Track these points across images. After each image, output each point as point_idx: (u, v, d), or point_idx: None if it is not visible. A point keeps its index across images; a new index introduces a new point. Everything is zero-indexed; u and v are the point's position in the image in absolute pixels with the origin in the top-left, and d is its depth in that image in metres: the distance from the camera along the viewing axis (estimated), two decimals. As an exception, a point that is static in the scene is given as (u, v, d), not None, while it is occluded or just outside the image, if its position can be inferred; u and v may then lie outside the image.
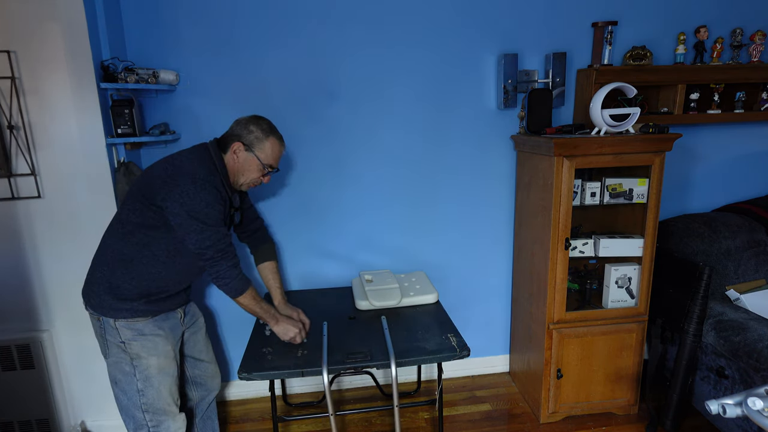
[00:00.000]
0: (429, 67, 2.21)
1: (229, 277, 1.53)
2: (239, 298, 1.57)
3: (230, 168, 1.59)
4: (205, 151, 1.56)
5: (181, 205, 1.42)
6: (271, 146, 1.59)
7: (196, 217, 1.43)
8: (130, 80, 1.83)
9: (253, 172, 1.59)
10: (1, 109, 1.80)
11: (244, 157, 1.57)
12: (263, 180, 1.65)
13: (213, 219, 1.47)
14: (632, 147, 1.92)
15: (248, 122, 1.59)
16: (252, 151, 1.57)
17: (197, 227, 1.44)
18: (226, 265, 1.52)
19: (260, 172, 1.60)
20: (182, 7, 2.01)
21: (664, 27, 2.30)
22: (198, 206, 1.42)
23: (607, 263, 2.12)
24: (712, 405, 1.08)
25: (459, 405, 2.39)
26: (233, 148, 1.56)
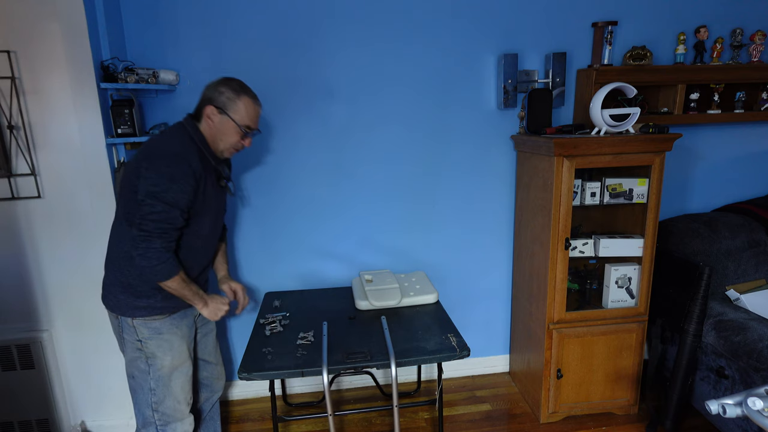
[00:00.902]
0: (429, 67, 2.21)
1: (158, 259, 1.39)
2: (168, 281, 1.45)
3: (208, 135, 1.52)
4: (179, 127, 1.52)
5: (146, 179, 1.36)
6: (245, 106, 1.51)
7: (154, 194, 1.36)
8: (130, 80, 1.83)
9: (231, 135, 1.52)
10: (1, 109, 1.80)
11: (219, 120, 1.49)
12: (244, 143, 1.57)
13: (171, 196, 1.38)
14: (632, 147, 1.92)
15: (218, 84, 1.51)
16: (226, 113, 1.49)
17: (149, 203, 1.36)
18: (160, 244, 1.39)
19: (238, 134, 1.52)
20: (182, 7, 2.01)
21: (664, 27, 2.30)
22: (160, 181, 1.35)
23: (607, 263, 2.12)
24: (712, 405, 1.08)
25: (459, 405, 2.39)
26: (206, 113, 1.49)
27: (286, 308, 2.04)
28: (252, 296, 2.35)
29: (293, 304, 2.08)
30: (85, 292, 1.97)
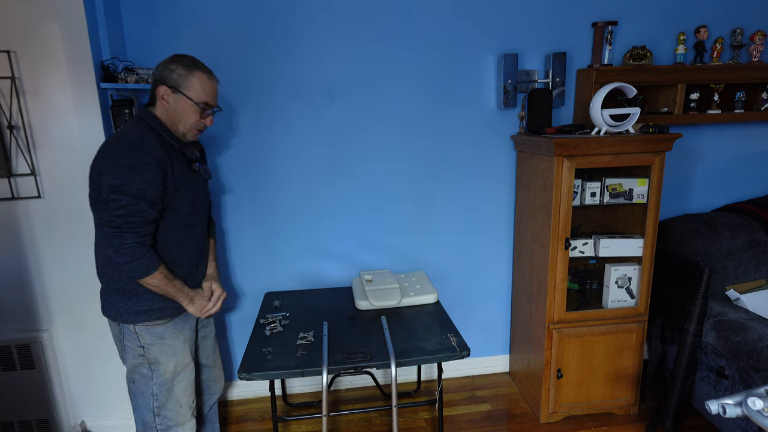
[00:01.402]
0: (429, 67, 2.21)
1: (133, 255, 1.33)
2: (148, 278, 1.39)
3: (166, 118, 1.44)
4: (135, 118, 1.46)
5: (107, 175, 1.31)
6: (199, 81, 1.41)
7: (116, 188, 1.30)
8: (130, 80, 1.83)
9: (189, 114, 1.43)
10: (1, 109, 1.80)
11: (174, 100, 1.41)
12: (206, 123, 1.49)
13: (135, 188, 1.31)
14: (632, 147, 1.92)
15: (168, 62, 1.41)
16: (180, 91, 1.40)
17: (114, 198, 1.31)
18: (132, 239, 1.33)
19: (197, 113, 1.44)
20: (182, 7, 2.01)
21: (664, 27, 2.30)
22: (121, 174, 1.30)
23: (607, 263, 2.12)
24: (712, 405, 1.08)
25: (459, 405, 2.39)
26: (159, 94, 1.40)
27: (286, 308, 2.04)
28: (252, 297, 2.35)
29: (293, 304, 2.08)
30: (85, 292, 1.97)
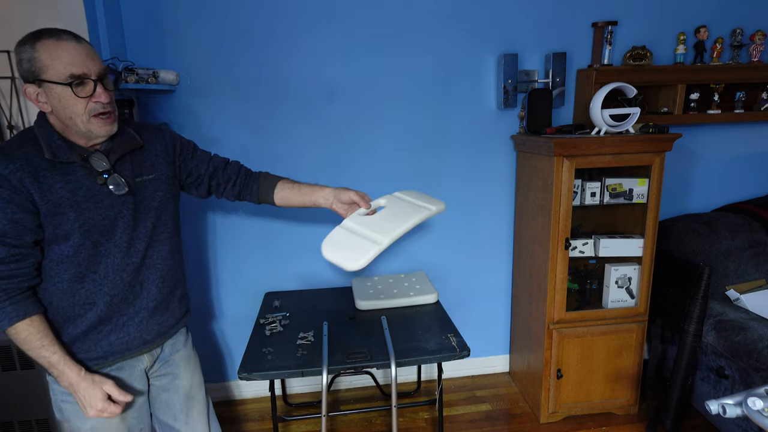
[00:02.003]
0: (428, 67, 2.21)
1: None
2: (9, 330, 1.08)
3: (57, 122, 1.11)
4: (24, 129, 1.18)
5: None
6: (48, 53, 1.03)
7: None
8: (130, 80, 1.83)
9: (69, 101, 1.05)
10: (1, 109, 1.80)
11: (45, 95, 1.06)
12: (100, 100, 1.08)
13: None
14: (632, 147, 1.92)
15: (16, 54, 1.06)
16: (40, 79, 1.04)
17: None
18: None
19: (72, 93, 1.05)
20: (182, 7, 2.01)
21: (664, 27, 2.30)
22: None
23: (607, 263, 2.12)
24: (712, 405, 1.08)
25: (459, 405, 2.39)
26: (32, 98, 1.08)
27: (286, 308, 2.04)
28: (252, 297, 2.35)
29: (293, 304, 2.08)
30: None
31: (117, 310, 1.20)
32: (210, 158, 1.42)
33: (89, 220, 1.11)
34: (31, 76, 1.05)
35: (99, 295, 1.16)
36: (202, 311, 2.35)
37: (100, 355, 1.19)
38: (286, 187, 1.45)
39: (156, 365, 1.33)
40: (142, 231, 1.20)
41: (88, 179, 1.11)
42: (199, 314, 2.34)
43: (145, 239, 1.21)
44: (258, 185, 1.46)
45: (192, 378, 1.42)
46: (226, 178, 1.43)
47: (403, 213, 1.38)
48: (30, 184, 1.04)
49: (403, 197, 1.47)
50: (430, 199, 1.47)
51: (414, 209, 1.40)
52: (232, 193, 1.46)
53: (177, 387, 1.38)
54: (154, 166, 1.25)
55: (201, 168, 1.39)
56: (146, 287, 1.24)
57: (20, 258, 1.06)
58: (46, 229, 1.08)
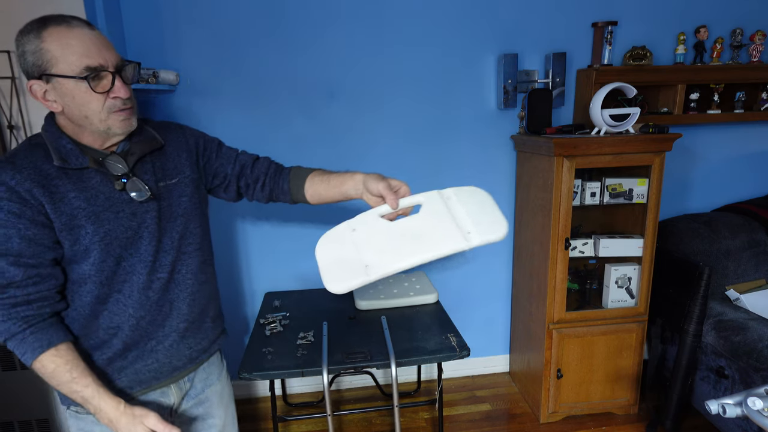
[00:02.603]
0: (428, 67, 2.21)
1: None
2: (34, 364, 0.93)
3: (68, 123, 0.96)
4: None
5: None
6: (57, 45, 0.88)
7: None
8: (130, 80, 1.83)
9: (84, 98, 0.91)
10: (1, 109, 1.80)
11: (54, 91, 0.91)
12: (120, 96, 0.95)
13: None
14: (632, 147, 1.92)
15: (18, 46, 0.92)
16: (49, 74, 0.89)
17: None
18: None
19: (88, 89, 0.90)
20: (182, 6, 2.01)
21: (664, 27, 2.30)
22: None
23: (607, 263, 2.12)
24: (712, 405, 1.08)
25: (459, 405, 2.39)
26: (38, 96, 0.93)
27: (286, 308, 2.04)
28: (252, 297, 2.35)
29: (293, 304, 2.08)
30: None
31: (145, 333, 1.05)
32: (236, 156, 1.24)
33: (110, 233, 0.97)
34: (37, 71, 0.90)
35: (124, 318, 1.02)
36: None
37: (124, 385, 1.05)
38: (316, 181, 1.22)
39: (185, 403, 1.16)
40: (168, 242, 1.05)
41: (105, 186, 0.97)
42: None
43: (172, 252, 1.05)
44: (288, 183, 1.25)
45: (225, 416, 1.27)
46: (255, 178, 1.25)
47: (429, 233, 1.00)
48: (41, 195, 0.91)
49: (453, 203, 1.05)
50: (490, 216, 1.02)
51: (447, 232, 0.99)
52: (263, 194, 1.27)
53: (208, 427, 1.22)
54: (177, 168, 1.09)
55: (227, 168, 1.21)
56: (176, 306, 1.08)
57: (39, 280, 0.93)
58: (64, 245, 0.94)
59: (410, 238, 1.00)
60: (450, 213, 1.02)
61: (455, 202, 1.04)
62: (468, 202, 1.04)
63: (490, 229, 0.99)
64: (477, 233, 0.98)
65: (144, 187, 1.00)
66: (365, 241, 1.02)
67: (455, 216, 1.02)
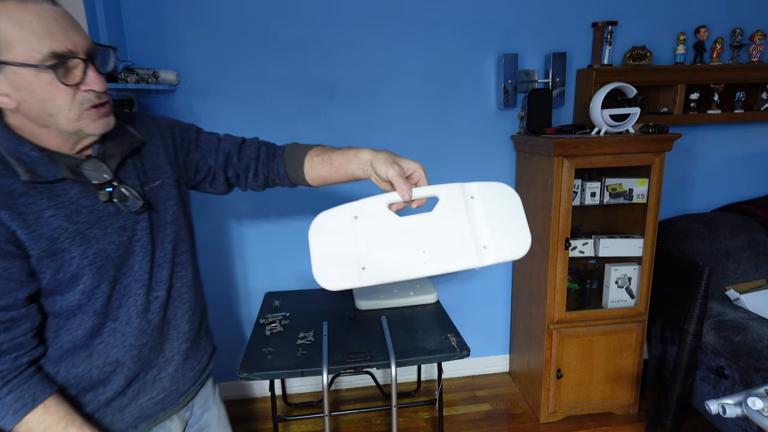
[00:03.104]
0: (428, 68, 2.21)
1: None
2: (17, 427, 0.77)
3: (23, 124, 0.77)
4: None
5: None
6: (12, 24, 0.69)
7: None
8: (130, 80, 1.83)
9: (49, 92, 0.73)
10: (1, 109, 1.80)
11: (7, 82, 0.72)
12: (90, 91, 0.76)
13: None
14: (632, 147, 1.92)
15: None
16: (4, 63, 0.70)
17: None
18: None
19: (54, 79, 0.72)
20: (182, 7, 2.01)
21: (664, 27, 2.30)
22: None
23: (607, 263, 2.12)
24: (712, 405, 1.08)
25: (459, 405, 2.39)
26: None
27: (286, 308, 2.04)
28: (252, 297, 2.35)
29: (293, 304, 2.08)
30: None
31: (147, 362, 0.92)
32: (218, 143, 1.07)
33: (101, 254, 0.82)
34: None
35: (124, 349, 0.87)
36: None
37: (127, 425, 0.92)
38: (317, 162, 1.03)
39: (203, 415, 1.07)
40: (161, 255, 0.92)
41: (86, 198, 0.80)
42: (199, 314, 2.34)
43: (166, 265, 0.93)
44: (284, 166, 1.06)
45: None
46: (245, 166, 1.07)
47: (439, 240, 0.85)
48: (8, 219, 0.73)
49: (474, 204, 0.87)
50: (513, 226, 0.87)
51: (461, 243, 0.85)
52: (257, 183, 1.10)
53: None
54: (158, 168, 0.94)
55: (209, 159, 1.05)
56: (175, 326, 0.96)
57: (11, 325, 0.75)
58: (43, 276, 0.77)
59: (417, 244, 0.85)
60: (468, 217, 0.86)
61: (477, 202, 0.87)
62: (491, 205, 0.87)
63: (510, 246, 0.84)
64: (494, 250, 0.84)
65: (134, 194, 0.85)
66: (366, 235, 0.87)
67: (473, 222, 0.86)
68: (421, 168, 0.92)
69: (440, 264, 0.84)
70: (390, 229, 0.87)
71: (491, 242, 0.84)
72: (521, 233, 0.86)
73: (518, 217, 0.87)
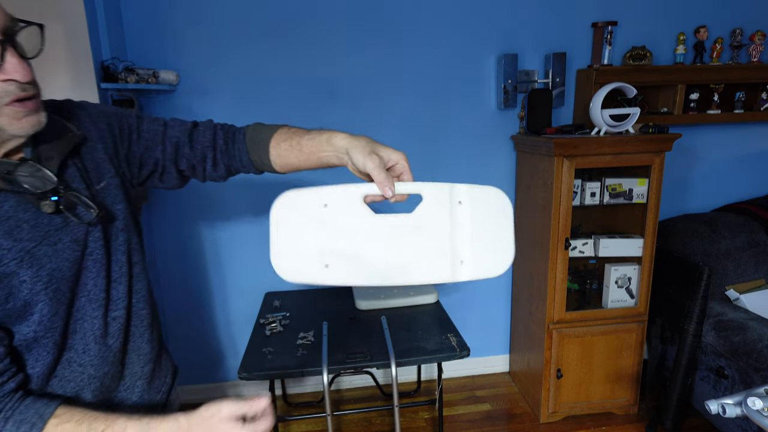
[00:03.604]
0: (428, 68, 2.21)
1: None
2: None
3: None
4: None
5: None
6: None
7: None
8: (130, 80, 1.83)
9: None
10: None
11: None
12: (11, 81, 0.61)
13: None
14: (632, 147, 1.92)
15: None
16: None
17: None
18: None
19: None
20: (182, 7, 2.01)
21: (664, 27, 2.30)
22: None
23: (607, 263, 2.12)
24: (712, 405, 1.08)
25: (459, 405, 2.39)
26: None
27: (286, 308, 2.04)
28: (252, 297, 2.34)
29: (293, 304, 2.08)
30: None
31: (108, 392, 0.81)
32: (164, 131, 0.88)
33: (55, 274, 0.69)
34: None
35: (83, 381, 0.76)
36: (202, 311, 2.35)
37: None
38: (284, 147, 0.92)
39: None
40: (116, 269, 0.79)
41: (25, 211, 0.67)
42: (199, 314, 2.34)
43: (123, 280, 0.80)
44: (248, 153, 0.92)
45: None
46: (200, 156, 0.90)
47: (415, 247, 0.76)
48: None
49: (461, 210, 0.77)
50: (497, 239, 0.78)
51: (437, 254, 0.76)
52: (217, 173, 0.94)
53: None
54: (100, 167, 0.79)
55: (155, 151, 0.87)
56: (135, 347, 0.85)
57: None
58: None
59: (388, 248, 0.76)
60: (451, 224, 0.76)
61: (465, 207, 0.77)
62: (480, 213, 0.78)
63: (489, 263, 0.77)
64: (471, 266, 0.76)
65: (87, 203, 0.71)
66: (333, 229, 0.77)
67: (456, 231, 0.76)
68: (405, 159, 0.78)
69: (409, 275, 0.76)
70: (361, 226, 0.76)
71: (470, 257, 0.76)
72: (505, 249, 0.78)
73: (506, 230, 0.79)
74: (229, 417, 0.70)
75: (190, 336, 2.36)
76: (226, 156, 0.92)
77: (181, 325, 2.34)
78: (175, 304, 2.31)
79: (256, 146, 0.91)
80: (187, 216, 2.21)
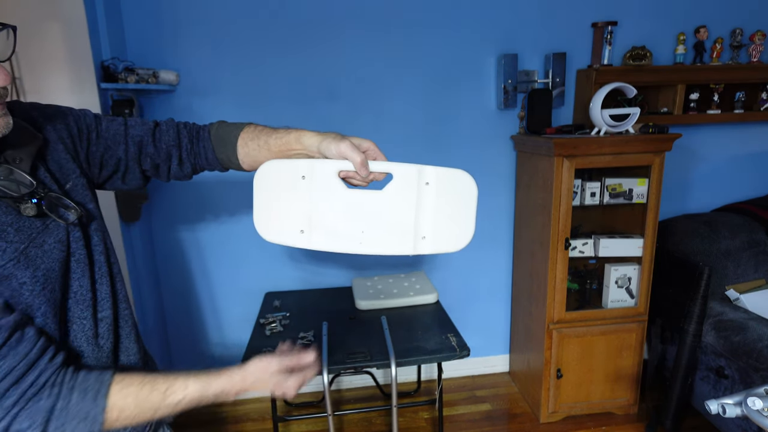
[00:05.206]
0: (428, 68, 2.21)
1: (68, 413, 0.65)
2: (108, 420, 0.67)
3: None
4: None
5: None
6: None
7: None
8: (130, 80, 1.83)
9: None
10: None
11: None
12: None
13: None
14: (632, 147, 1.92)
15: None
16: None
17: None
18: (49, 402, 0.64)
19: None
20: (182, 7, 2.01)
21: (664, 27, 2.30)
22: None
23: (607, 263, 2.12)
24: (712, 405, 1.08)
25: (459, 405, 2.39)
26: None
27: (286, 308, 2.04)
28: (252, 297, 2.35)
29: (293, 304, 2.08)
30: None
31: None
32: (125, 130, 0.88)
33: (49, 275, 0.68)
34: None
35: None
36: (202, 312, 2.35)
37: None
38: (251, 146, 0.93)
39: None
40: (97, 268, 0.79)
41: (7, 214, 0.66)
42: (199, 314, 2.34)
43: (105, 279, 0.80)
44: (213, 150, 0.94)
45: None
46: (165, 155, 0.91)
47: (381, 221, 0.85)
48: None
49: (427, 190, 0.89)
50: (459, 219, 0.88)
51: (401, 228, 0.85)
52: (183, 172, 0.95)
53: None
54: (64, 167, 0.78)
55: (117, 150, 0.87)
56: (125, 347, 0.84)
57: (20, 336, 0.63)
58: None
59: (358, 221, 0.84)
60: (416, 203, 0.86)
61: (431, 189, 0.88)
62: (444, 194, 0.88)
63: (449, 239, 0.85)
64: (431, 241, 0.85)
65: (68, 203, 0.71)
66: (310, 198, 0.85)
67: (420, 209, 0.86)
68: (375, 145, 0.87)
69: (375, 246, 0.84)
70: (335, 198, 0.85)
71: (431, 233, 0.85)
72: (465, 227, 0.87)
73: (468, 210, 0.88)
74: (279, 370, 0.79)
75: (191, 336, 2.36)
76: (191, 154, 0.94)
77: (181, 325, 2.34)
78: (175, 304, 2.31)
79: (223, 144, 0.93)
80: (187, 216, 2.21)
